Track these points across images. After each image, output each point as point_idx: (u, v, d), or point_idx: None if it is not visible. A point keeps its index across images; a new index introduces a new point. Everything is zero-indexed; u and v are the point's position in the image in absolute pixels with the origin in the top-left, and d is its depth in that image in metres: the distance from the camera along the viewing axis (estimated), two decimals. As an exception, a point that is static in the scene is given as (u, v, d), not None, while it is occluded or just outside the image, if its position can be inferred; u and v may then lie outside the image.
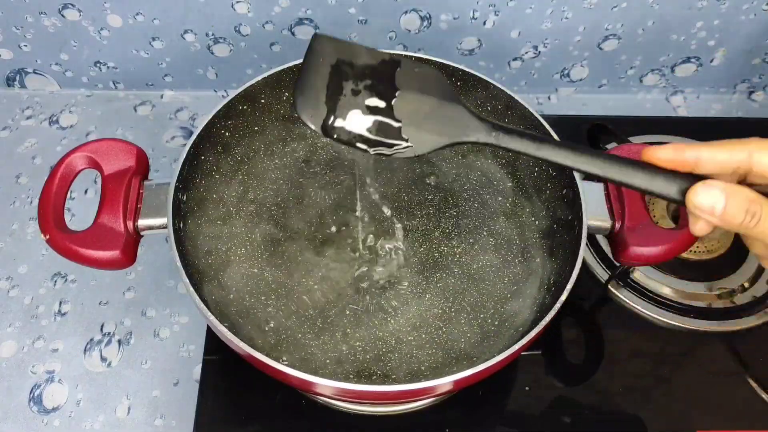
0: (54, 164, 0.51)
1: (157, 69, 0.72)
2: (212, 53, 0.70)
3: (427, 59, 0.55)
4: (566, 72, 0.74)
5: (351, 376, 0.45)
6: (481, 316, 0.49)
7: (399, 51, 0.56)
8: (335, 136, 0.37)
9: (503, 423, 0.52)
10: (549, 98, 0.77)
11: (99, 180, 0.47)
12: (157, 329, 0.57)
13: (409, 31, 0.68)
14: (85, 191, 0.66)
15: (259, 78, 0.53)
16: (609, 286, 0.58)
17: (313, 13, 0.66)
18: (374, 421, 0.51)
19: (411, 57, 0.50)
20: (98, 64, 0.71)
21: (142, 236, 0.46)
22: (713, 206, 0.32)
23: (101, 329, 0.57)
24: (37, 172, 0.67)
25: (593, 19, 0.68)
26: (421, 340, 0.47)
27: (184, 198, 0.48)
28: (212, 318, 0.41)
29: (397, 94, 0.37)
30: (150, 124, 0.72)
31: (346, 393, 0.40)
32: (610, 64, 0.73)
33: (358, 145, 0.37)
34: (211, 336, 0.54)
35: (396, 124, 0.36)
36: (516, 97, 0.53)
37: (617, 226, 0.47)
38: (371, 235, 0.53)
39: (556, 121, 0.52)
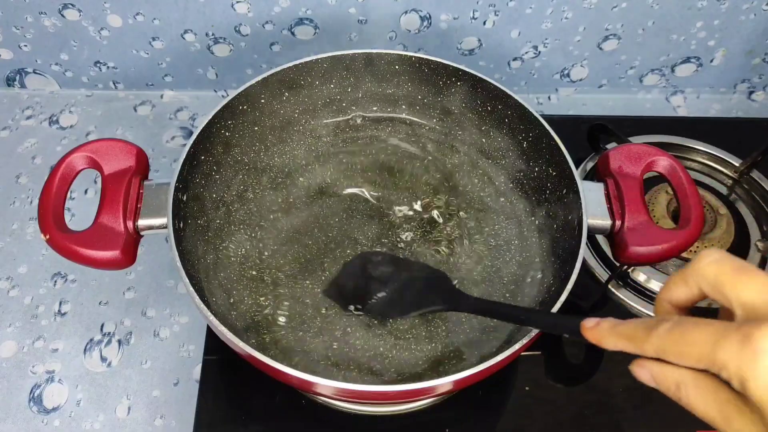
0: (54, 164, 0.51)
1: (157, 69, 0.72)
2: (212, 53, 0.70)
3: (428, 59, 0.55)
4: (566, 72, 0.74)
5: (351, 376, 0.45)
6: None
7: (399, 51, 0.56)
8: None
9: (503, 423, 0.51)
10: (549, 98, 0.77)
11: (99, 180, 0.47)
12: (157, 329, 0.57)
13: (409, 31, 0.68)
14: (85, 191, 0.66)
15: (259, 78, 0.53)
16: (609, 286, 0.58)
17: (313, 13, 0.66)
18: (374, 421, 0.51)
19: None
20: (98, 64, 0.71)
21: (142, 236, 0.46)
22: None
23: (101, 329, 0.57)
24: (37, 172, 0.67)
25: (593, 19, 0.68)
26: (421, 340, 0.47)
27: (184, 198, 0.48)
28: (212, 318, 0.41)
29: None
30: (150, 124, 0.72)
31: (345, 393, 0.40)
32: (610, 64, 0.73)
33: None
34: (211, 336, 0.54)
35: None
36: (516, 97, 0.53)
37: (617, 226, 0.47)
38: (371, 236, 0.53)
39: (556, 121, 0.52)
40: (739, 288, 0.27)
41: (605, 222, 0.47)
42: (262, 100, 0.55)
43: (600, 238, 0.61)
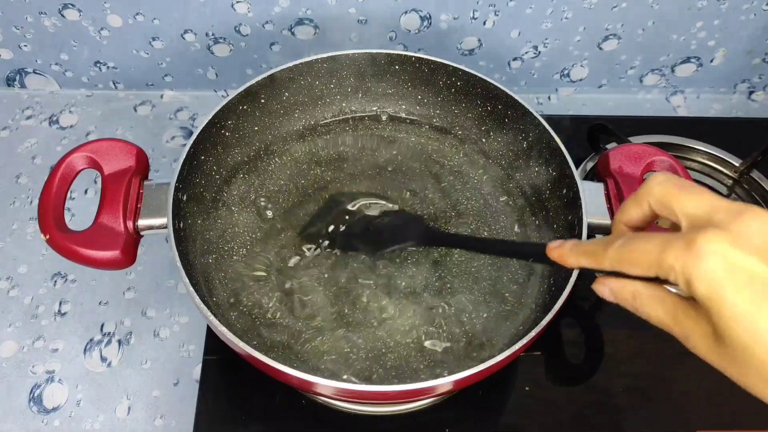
0: (54, 164, 0.51)
1: (157, 69, 0.72)
2: (212, 53, 0.70)
3: (428, 59, 0.55)
4: (566, 72, 0.74)
5: (351, 376, 0.45)
6: (482, 315, 0.49)
7: (399, 51, 0.56)
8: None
9: (503, 423, 0.51)
10: (549, 98, 0.77)
11: (99, 180, 0.47)
12: (157, 329, 0.57)
13: (409, 31, 0.68)
14: (85, 191, 0.66)
15: (259, 78, 0.53)
16: (609, 286, 0.58)
17: (313, 13, 0.66)
18: (374, 421, 0.51)
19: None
20: (98, 64, 0.71)
21: (142, 236, 0.46)
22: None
23: (101, 329, 0.57)
24: (37, 172, 0.67)
25: (593, 19, 0.68)
26: (421, 340, 0.47)
27: (184, 198, 0.48)
28: (212, 318, 0.41)
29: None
30: (150, 124, 0.72)
31: (346, 393, 0.40)
32: (610, 64, 0.73)
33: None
34: (211, 336, 0.54)
35: None
36: (516, 97, 0.53)
37: (617, 226, 0.47)
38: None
39: (556, 121, 0.52)
40: (683, 202, 0.30)
41: (605, 222, 0.47)
42: (262, 100, 0.55)
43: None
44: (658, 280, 0.30)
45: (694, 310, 0.29)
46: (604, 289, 0.33)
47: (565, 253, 0.35)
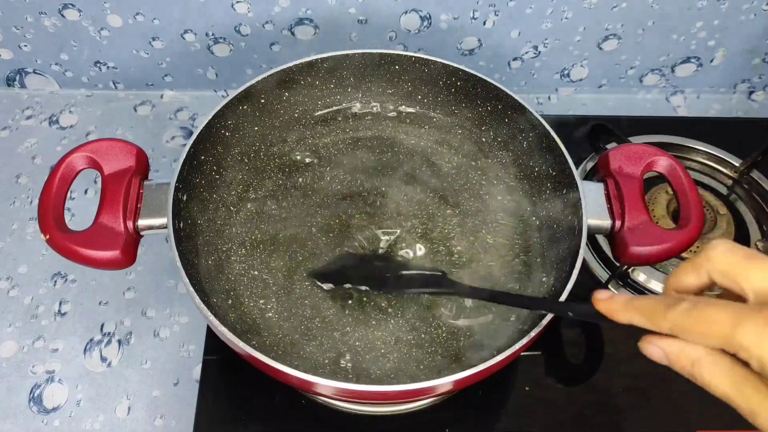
0: (54, 164, 0.51)
1: (157, 69, 0.72)
2: (212, 53, 0.70)
3: (428, 59, 0.55)
4: (566, 72, 0.74)
5: (351, 376, 0.45)
6: (482, 315, 0.49)
7: (399, 51, 0.56)
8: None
9: (503, 423, 0.51)
10: (549, 98, 0.77)
11: (99, 180, 0.47)
12: (157, 329, 0.57)
13: (409, 31, 0.68)
14: (85, 191, 0.66)
15: (259, 78, 0.53)
16: (609, 286, 0.58)
17: (313, 13, 0.66)
18: (374, 421, 0.51)
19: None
20: (98, 64, 0.71)
21: (142, 236, 0.46)
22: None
23: (101, 329, 0.57)
24: (37, 172, 0.67)
25: (593, 19, 0.68)
26: (421, 340, 0.47)
27: (184, 198, 0.48)
28: (212, 318, 0.41)
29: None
30: (150, 124, 0.72)
31: (345, 393, 0.40)
32: (610, 64, 0.73)
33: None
34: (211, 336, 0.54)
35: None
36: (516, 97, 0.53)
37: (617, 226, 0.47)
38: (371, 235, 0.53)
39: (557, 121, 0.52)
40: (751, 275, 0.28)
41: (605, 222, 0.47)
42: (262, 100, 0.55)
43: (600, 238, 0.61)
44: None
45: (765, 386, 0.26)
46: (654, 349, 0.31)
47: (616, 308, 0.32)
